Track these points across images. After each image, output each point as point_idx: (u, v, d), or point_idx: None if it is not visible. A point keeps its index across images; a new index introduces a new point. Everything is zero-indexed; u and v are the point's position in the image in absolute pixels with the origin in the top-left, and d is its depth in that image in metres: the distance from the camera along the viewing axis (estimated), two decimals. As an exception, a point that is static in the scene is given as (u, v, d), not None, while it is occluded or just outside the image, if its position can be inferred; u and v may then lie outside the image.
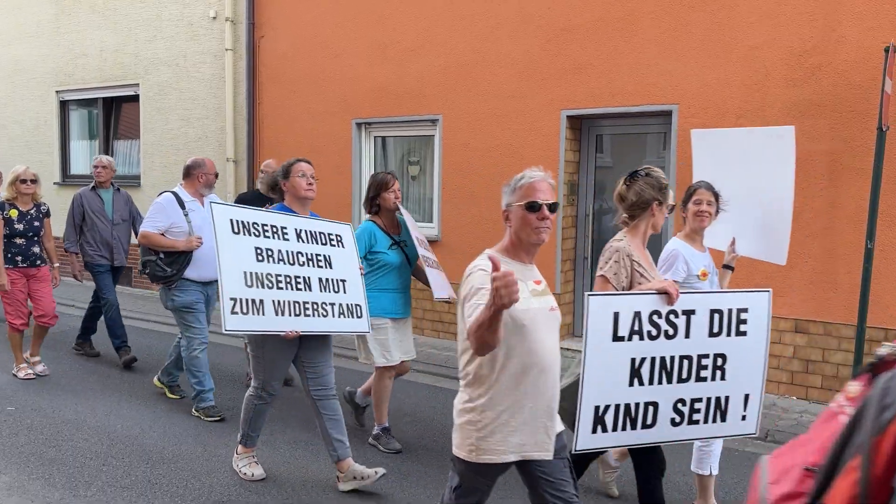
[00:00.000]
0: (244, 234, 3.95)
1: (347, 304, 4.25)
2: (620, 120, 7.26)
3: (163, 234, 5.30)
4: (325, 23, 8.87)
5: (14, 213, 6.25)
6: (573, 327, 7.66)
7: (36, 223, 6.37)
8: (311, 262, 4.16)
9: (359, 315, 4.32)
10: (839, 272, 5.98)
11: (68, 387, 6.15)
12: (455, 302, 4.87)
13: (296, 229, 4.17)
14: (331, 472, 4.42)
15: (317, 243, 4.22)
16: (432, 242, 8.15)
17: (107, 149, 11.57)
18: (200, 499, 4.09)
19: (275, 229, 4.09)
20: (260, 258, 3.96)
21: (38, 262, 6.40)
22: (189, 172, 5.56)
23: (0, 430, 5.03)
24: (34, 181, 6.35)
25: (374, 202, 4.92)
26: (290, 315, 4.00)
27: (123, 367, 6.73)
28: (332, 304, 4.18)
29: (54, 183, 11.83)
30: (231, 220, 3.94)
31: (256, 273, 3.93)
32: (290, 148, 9.27)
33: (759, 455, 4.83)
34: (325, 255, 4.24)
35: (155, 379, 6.09)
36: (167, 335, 7.88)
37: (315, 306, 4.11)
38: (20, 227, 6.27)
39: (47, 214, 6.52)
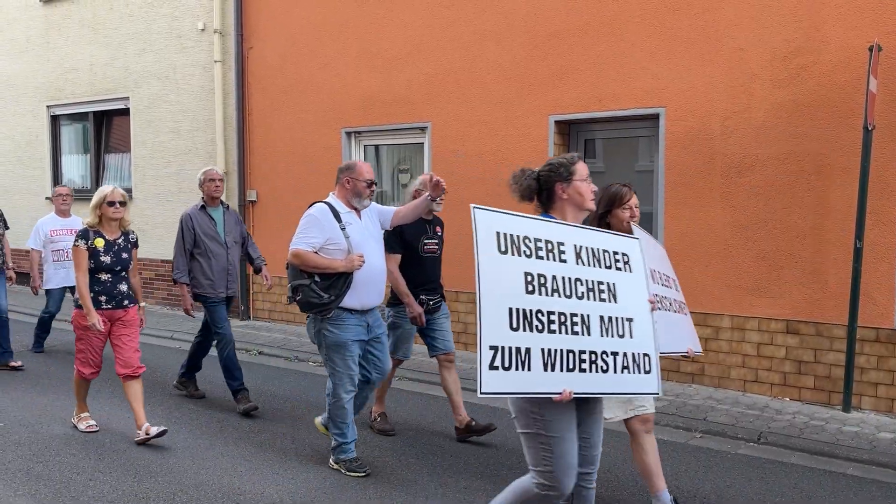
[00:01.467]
0: (513, 254, 2.86)
1: (634, 354, 3.09)
2: (608, 124, 7.26)
3: (317, 253, 4.40)
4: (313, 32, 8.89)
5: (100, 243, 5.08)
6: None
7: (124, 255, 5.20)
8: (591, 294, 3.02)
9: (646, 369, 3.12)
10: (829, 272, 5.97)
11: (58, 402, 6.11)
12: (693, 357, 3.78)
13: (575, 246, 3.03)
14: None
15: (599, 266, 3.08)
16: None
17: (98, 163, 11.58)
18: (187, 512, 4.06)
19: (550, 246, 2.96)
20: (530, 288, 2.85)
21: (126, 301, 5.24)
22: (337, 178, 4.64)
23: (-13, 447, 5.00)
24: (123, 203, 5.17)
25: (604, 220, 3.84)
26: (562, 370, 2.87)
27: (242, 415, 5.80)
28: (615, 354, 3.02)
29: (46, 198, 11.81)
30: (498, 235, 2.84)
31: (525, 310, 2.82)
32: (281, 158, 9.28)
33: (752, 458, 4.80)
34: (608, 284, 3.08)
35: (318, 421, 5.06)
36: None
37: (593, 357, 2.96)
38: (107, 259, 5.09)
39: (136, 244, 5.37)
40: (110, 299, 5.15)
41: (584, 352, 2.93)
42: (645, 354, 3.12)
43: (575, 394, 2.87)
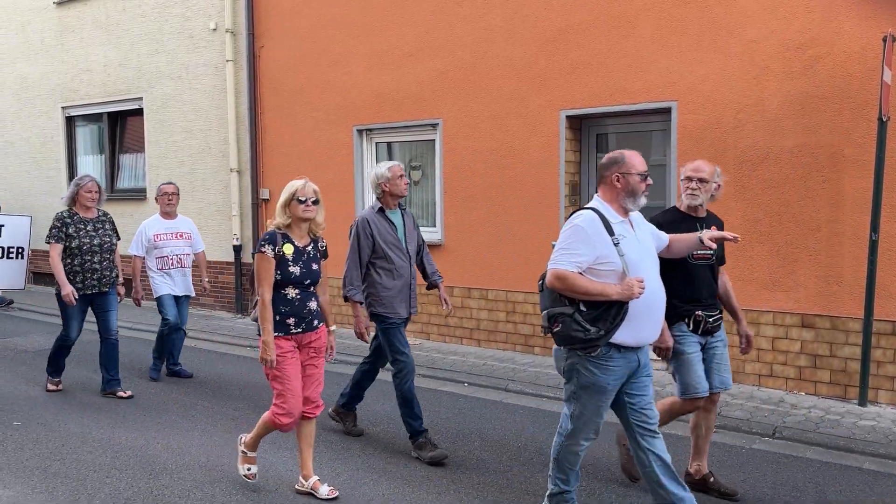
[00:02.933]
0: None
1: None
2: (620, 118, 7.23)
3: (582, 274, 3.39)
4: (324, 31, 8.91)
5: (289, 250, 4.06)
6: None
7: (314, 266, 4.16)
8: None
9: None
10: (844, 265, 5.92)
11: (75, 400, 6.19)
12: None
13: None
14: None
15: None
16: (435, 247, 8.17)
17: (113, 163, 11.68)
18: (202, 509, 4.10)
19: None
20: None
21: (316, 322, 4.21)
22: (601, 176, 3.60)
23: (5, 445, 5.06)
24: (316, 201, 4.10)
25: None
26: None
27: (429, 464, 4.74)
28: None
29: (61, 198, 11.91)
30: None
31: None
32: (293, 156, 9.32)
33: (767, 453, 4.74)
34: None
35: None
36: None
37: None
38: (295, 270, 4.07)
39: (326, 254, 4.31)
40: (300, 321, 4.13)
41: None
42: None
43: None
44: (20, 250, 6.89)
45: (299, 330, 4.13)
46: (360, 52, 8.61)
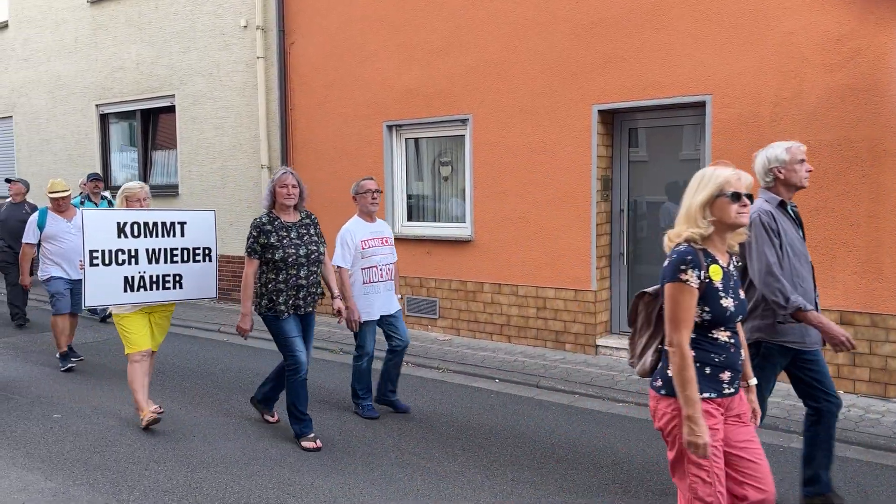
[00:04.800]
0: None
1: None
2: (653, 113, 7.15)
3: None
4: (354, 27, 8.92)
5: (717, 275, 2.79)
6: (610, 325, 7.56)
7: (742, 295, 2.99)
8: None
9: None
10: (884, 261, 5.80)
11: (112, 393, 6.28)
12: None
13: None
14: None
15: None
16: (465, 242, 8.16)
17: (146, 160, 11.83)
18: (240, 502, 4.13)
19: None
20: None
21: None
22: None
23: (46, 438, 5.16)
24: (751, 196, 2.94)
25: None
26: None
27: None
28: None
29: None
30: None
31: None
32: (323, 152, 9.37)
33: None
34: None
35: None
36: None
37: None
38: (730, 304, 2.82)
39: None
40: (735, 377, 2.89)
41: None
42: None
43: None
44: (207, 251, 5.68)
45: (732, 390, 2.88)
46: (390, 47, 8.61)
